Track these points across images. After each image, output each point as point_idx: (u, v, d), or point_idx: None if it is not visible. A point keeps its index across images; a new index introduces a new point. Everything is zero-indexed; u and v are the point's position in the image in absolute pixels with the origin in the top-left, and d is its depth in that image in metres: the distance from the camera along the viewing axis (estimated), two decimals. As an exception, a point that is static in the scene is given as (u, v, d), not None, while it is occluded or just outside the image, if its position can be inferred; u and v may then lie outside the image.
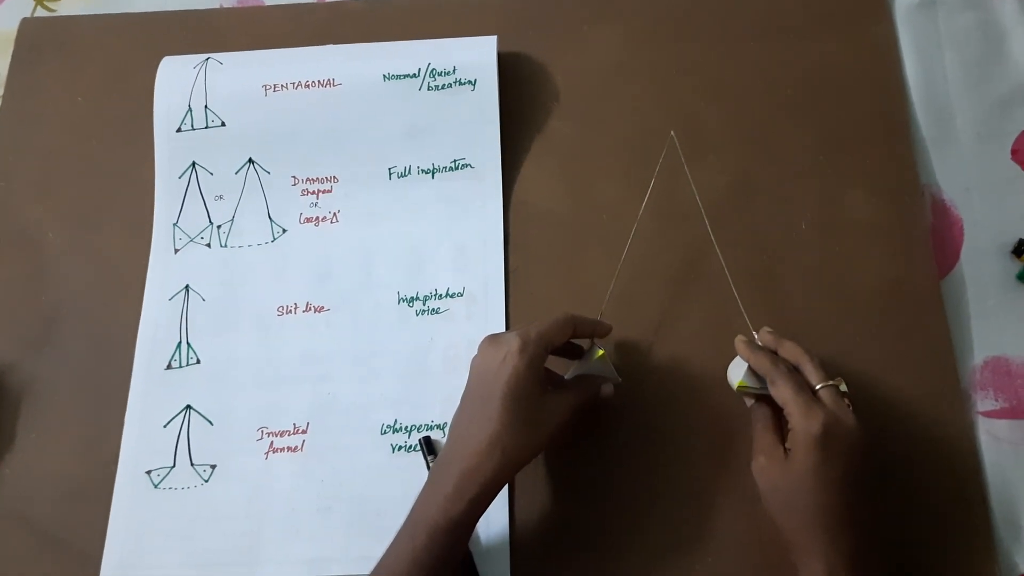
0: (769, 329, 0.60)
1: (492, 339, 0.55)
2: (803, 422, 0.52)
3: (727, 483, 0.61)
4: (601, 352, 0.59)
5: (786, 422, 0.55)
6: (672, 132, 0.65)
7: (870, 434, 0.54)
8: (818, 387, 0.55)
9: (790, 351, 0.57)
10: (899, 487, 0.60)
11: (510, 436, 0.52)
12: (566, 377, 0.60)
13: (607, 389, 0.59)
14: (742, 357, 0.59)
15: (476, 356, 0.55)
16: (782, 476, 0.53)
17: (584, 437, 0.62)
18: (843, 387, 0.55)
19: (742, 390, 0.58)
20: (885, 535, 0.58)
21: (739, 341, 0.59)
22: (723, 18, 0.75)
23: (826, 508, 0.52)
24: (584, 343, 0.61)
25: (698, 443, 0.62)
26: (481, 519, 0.53)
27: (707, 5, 0.75)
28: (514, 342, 0.53)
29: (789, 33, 0.74)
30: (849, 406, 0.54)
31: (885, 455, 0.60)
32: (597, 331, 0.59)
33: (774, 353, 0.58)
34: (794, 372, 0.56)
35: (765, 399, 0.58)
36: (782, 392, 0.54)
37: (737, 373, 0.59)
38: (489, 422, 0.52)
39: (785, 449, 0.54)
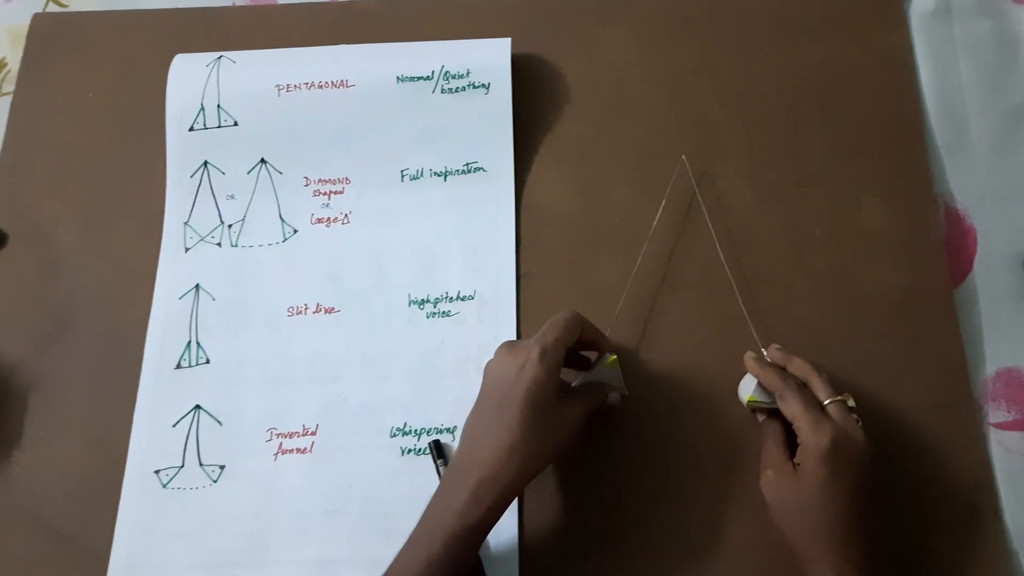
0: (778, 346, 0.61)
1: (510, 346, 0.55)
2: (812, 437, 0.53)
3: (736, 491, 0.60)
4: (613, 357, 0.59)
5: (795, 437, 0.55)
6: (683, 156, 0.66)
7: (881, 444, 0.55)
8: (826, 402, 0.55)
9: (799, 367, 0.58)
10: (910, 498, 0.60)
11: (528, 444, 0.51)
12: (573, 384, 0.60)
13: (613, 396, 0.59)
14: (751, 374, 0.59)
15: (492, 362, 0.55)
16: (791, 490, 0.54)
17: (591, 443, 0.62)
18: (851, 402, 0.56)
19: (752, 405, 0.59)
20: (896, 546, 0.58)
21: (748, 358, 0.60)
22: (737, 22, 0.74)
23: (835, 520, 0.52)
24: (591, 354, 0.61)
25: (707, 451, 0.62)
26: (490, 525, 0.53)
27: (721, 8, 0.75)
28: (534, 350, 0.53)
29: (804, 38, 0.73)
30: (858, 421, 0.55)
31: (896, 465, 0.60)
32: (600, 341, 0.59)
33: (783, 369, 0.58)
34: (803, 388, 0.56)
35: (775, 415, 0.58)
36: (791, 407, 0.55)
37: (747, 389, 0.59)
38: (508, 430, 0.51)
39: (794, 464, 0.55)
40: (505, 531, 0.60)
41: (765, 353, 0.60)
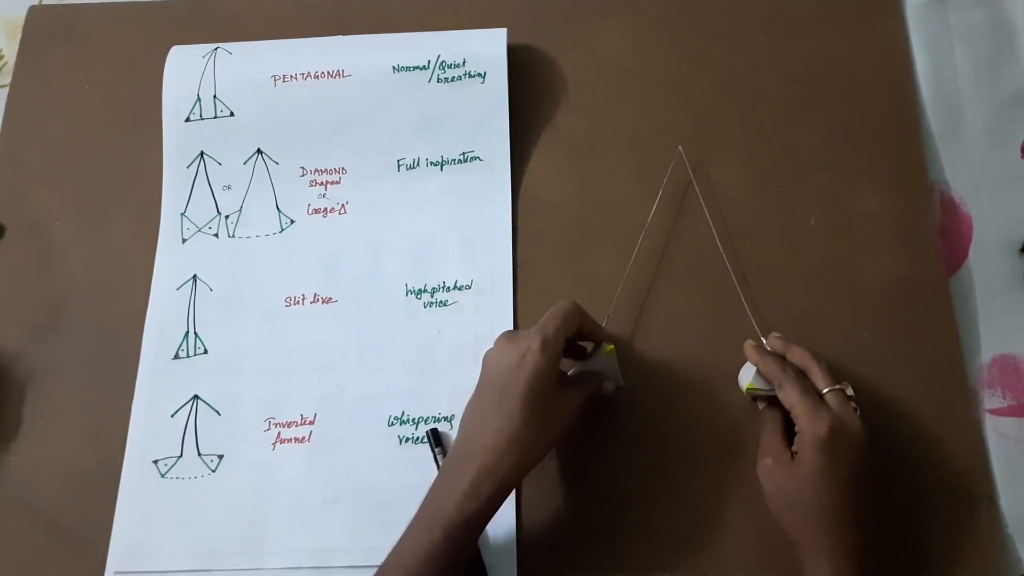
0: (778, 335, 0.61)
1: (510, 335, 0.55)
2: (810, 425, 0.53)
3: (734, 481, 0.61)
4: (610, 347, 0.59)
5: (794, 426, 0.55)
6: (680, 147, 0.67)
7: (877, 432, 0.55)
8: (825, 391, 0.55)
9: (798, 356, 0.58)
10: (906, 485, 0.60)
11: (529, 434, 0.52)
12: (570, 373, 0.60)
13: (608, 386, 0.60)
14: (751, 362, 0.59)
15: (492, 351, 0.55)
16: (788, 478, 0.54)
17: (588, 433, 0.62)
18: (849, 391, 0.56)
19: (751, 392, 0.59)
20: (892, 533, 0.58)
21: (748, 346, 0.60)
22: (733, 12, 0.74)
23: (831, 509, 0.52)
24: (587, 344, 0.61)
25: (704, 440, 0.62)
26: (487, 516, 0.53)
27: (717, -1, 0.75)
28: (535, 339, 0.53)
29: (799, 28, 0.73)
30: (856, 409, 0.55)
31: (892, 452, 0.60)
32: (598, 332, 0.59)
33: (782, 358, 0.58)
34: (801, 376, 0.56)
35: (775, 403, 0.58)
36: (789, 396, 0.55)
37: (747, 377, 0.59)
38: (508, 420, 0.51)
39: (792, 452, 0.55)
40: (503, 522, 0.60)
41: (765, 341, 0.61)
